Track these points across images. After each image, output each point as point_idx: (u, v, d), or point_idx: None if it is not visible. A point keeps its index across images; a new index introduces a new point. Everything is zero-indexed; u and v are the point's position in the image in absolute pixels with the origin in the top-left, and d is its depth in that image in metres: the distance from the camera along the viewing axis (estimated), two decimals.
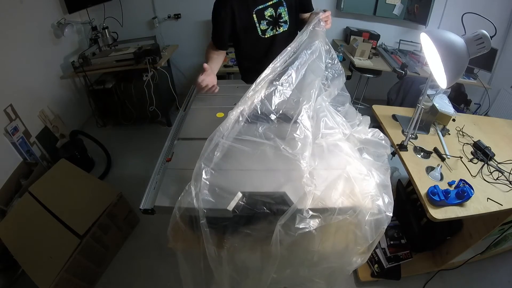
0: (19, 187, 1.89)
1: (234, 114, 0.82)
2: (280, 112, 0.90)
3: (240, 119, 0.83)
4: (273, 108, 0.88)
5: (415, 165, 1.30)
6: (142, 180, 0.85)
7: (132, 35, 2.87)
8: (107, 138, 2.61)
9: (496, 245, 1.50)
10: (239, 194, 0.75)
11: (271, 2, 1.20)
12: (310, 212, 0.73)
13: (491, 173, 1.29)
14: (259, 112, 0.87)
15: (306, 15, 1.31)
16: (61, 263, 1.36)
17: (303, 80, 0.94)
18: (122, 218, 1.77)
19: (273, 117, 0.89)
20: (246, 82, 1.41)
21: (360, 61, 2.60)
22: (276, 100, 0.88)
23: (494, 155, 1.37)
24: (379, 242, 1.58)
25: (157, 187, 0.79)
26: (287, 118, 0.90)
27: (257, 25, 1.23)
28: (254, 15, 1.20)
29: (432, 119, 1.53)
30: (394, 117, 1.63)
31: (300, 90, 0.93)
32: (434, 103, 1.51)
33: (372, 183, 0.80)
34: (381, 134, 1.01)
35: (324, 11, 1.11)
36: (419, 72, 2.49)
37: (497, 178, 1.26)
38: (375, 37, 2.84)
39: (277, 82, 0.90)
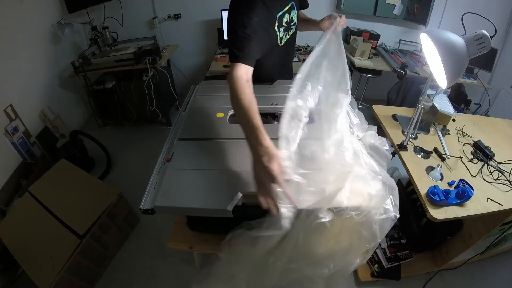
0: (19, 187, 1.89)
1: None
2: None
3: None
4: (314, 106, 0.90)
5: (415, 165, 1.30)
6: (142, 180, 0.84)
7: (132, 35, 2.87)
8: (107, 138, 2.60)
9: (496, 245, 1.50)
10: (239, 194, 0.75)
11: (287, 8, 1.12)
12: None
13: (491, 173, 1.29)
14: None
15: (302, 12, 1.31)
16: (61, 263, 1.36)
17: (335, 74, 0.97)
18: (122, 218, 1.77)
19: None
20: None
21: (360, 61, 2.61)
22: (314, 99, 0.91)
23: (494, 155, 1.37)
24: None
25: (157, 187, 0.79)
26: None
27: (278, 33, 1.13)
28: (277, 23, 1.10)
29: (432, 119, 1.53)
30: (394, 117, 1.63)
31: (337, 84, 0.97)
32: (434, 103, 1.51)
33: (380, 184, 0.81)
34: (387, 144, 1.02)
35: (340, 16, 1.15)
36: (419, 72, 2.49)
37: (497, 178, 1.26)
38: (375, 37, 2.84)
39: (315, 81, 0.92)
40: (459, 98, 2.63)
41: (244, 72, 0.89)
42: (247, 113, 0.76)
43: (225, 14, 2.71)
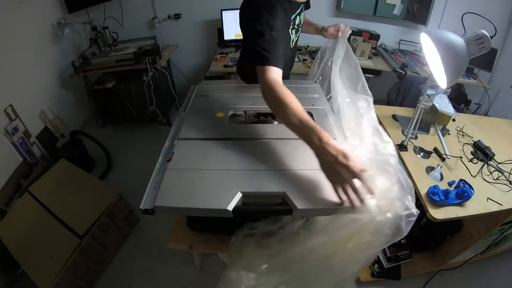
0: (19, 187, 1.89)
1: None
2: None
3: None
4: None
5: (415, 165, 1.30)
6: (142, 180, 0.84)
7: (132, 35, 2.87)
8: (107, 138, 2.61)
9: (496, 245, 1.50)
10: (239, 194, 0.75)
11: (299, 10, 1.13)
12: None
13: (491, 173, 1.29)
14: None
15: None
16: (61, 263, 1.36)
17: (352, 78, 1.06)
18: (122, 218, 1.77)
19: None
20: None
21: (360, 61, 2.58)
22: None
23: (494, 155, 1.37)
24: None
25: (157, 187, 0.79)
26: None
27: (291, 36, 1.13)
28: (291, 25, 1.10)
29: (432, 119, 1.53)
30: (394, 117, 1.63)
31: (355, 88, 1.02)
32: (434, 103, 1.51)
33: (400, 183, 0.81)
34: None
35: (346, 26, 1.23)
36: (419, 72, 2.49)
37: (497, 178, 1.26)
38: (375, 37, 2.83)
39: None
40: (459, 98, 2.63)
41: (278, 75, 0.86)
42: (301, 116, 0.74)
43: (225, 14, 2.71)
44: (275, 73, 0.86)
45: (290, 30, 1.11)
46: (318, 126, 0.71)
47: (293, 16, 1.09)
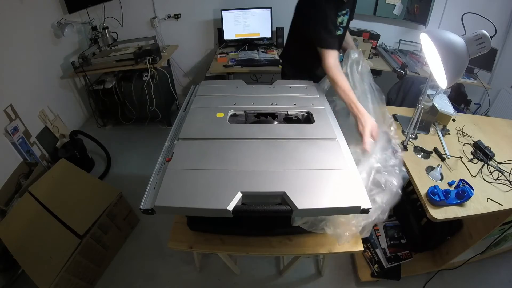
0: (19, 187, 1.89)
1: None
2: None
3: None
4: None
5: (415, 165, 1.30)
6: (142, 180, 0.84)
7: (132, 35, 2.87)
8: (107, 138, 2.61)
9: (496, 245, 1.50)
10: (239, 194, 0.75)
11: (343, 12, 1.33)
12: None
13: (491, 173, 1.29)
14: None
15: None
16: (61, 263, 1.36)
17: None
18: (122, 218, 1.77)
19: None
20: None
21: None
22: None
23: (494, 155, 1.37)
24: (379, 242, 1.58)
25: (157, 187, 0.79)
26: None
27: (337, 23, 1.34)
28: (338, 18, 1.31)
29: (432, 119, 1.53)
30: (394, 117, 1.63)
31: None
32: (434, 103, 1.51)
33: None
34: None
35: None
36: (419, 72, 2.49)
37: (497, 178, 1.26)
38: (375, 37, 2.83)
39: None
40: (459, 98, 2.63)
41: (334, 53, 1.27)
42: (347, 93, 1.18)
43: (225, 14, 2.71)
44: (334, 58, 1.25)
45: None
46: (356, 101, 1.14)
47: (341, 12, 1.31)
